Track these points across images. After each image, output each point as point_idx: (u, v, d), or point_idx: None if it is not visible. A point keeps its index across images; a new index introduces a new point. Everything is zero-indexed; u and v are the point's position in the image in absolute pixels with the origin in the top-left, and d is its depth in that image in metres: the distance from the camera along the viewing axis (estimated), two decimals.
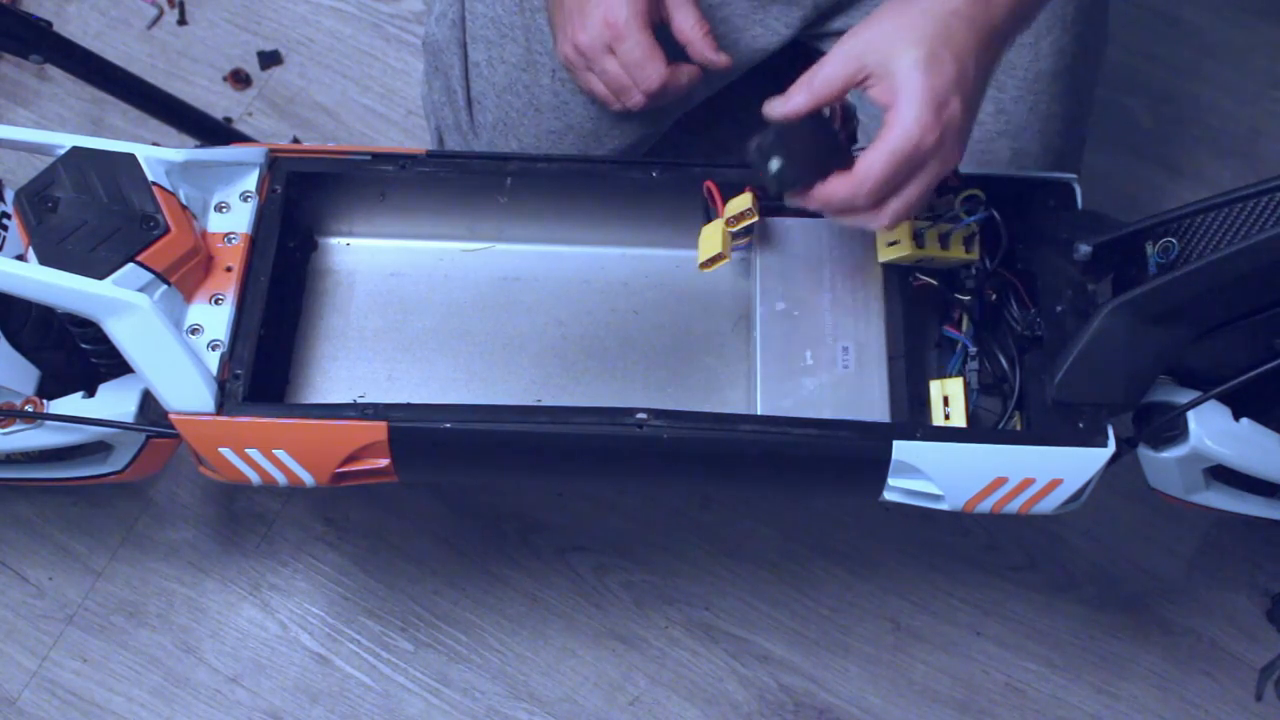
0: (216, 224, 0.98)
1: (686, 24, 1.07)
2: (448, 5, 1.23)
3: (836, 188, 0.86)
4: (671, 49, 1.07)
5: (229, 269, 0.96)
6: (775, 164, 0.86)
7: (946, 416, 0.94)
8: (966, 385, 0.95)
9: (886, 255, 0.96)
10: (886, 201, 0.86)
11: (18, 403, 1.00)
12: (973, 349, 0.96)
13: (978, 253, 0.95)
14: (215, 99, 1.61)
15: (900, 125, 0.83)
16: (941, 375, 0.98)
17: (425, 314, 1.05)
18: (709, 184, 0.99)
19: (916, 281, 0.98)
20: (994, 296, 0.97)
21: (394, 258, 1.07)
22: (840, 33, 1.21)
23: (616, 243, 1.08)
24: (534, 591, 1.38)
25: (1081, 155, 1.24)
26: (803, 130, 0.86)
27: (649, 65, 1.05)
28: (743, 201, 0.97)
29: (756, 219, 0.98)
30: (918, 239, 0.94)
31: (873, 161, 0.84)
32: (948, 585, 1.40)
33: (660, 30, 1.07)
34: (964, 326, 0.97)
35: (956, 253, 0.95)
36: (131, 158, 0.94)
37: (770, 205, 1.00)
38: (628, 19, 1.03)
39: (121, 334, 0.89)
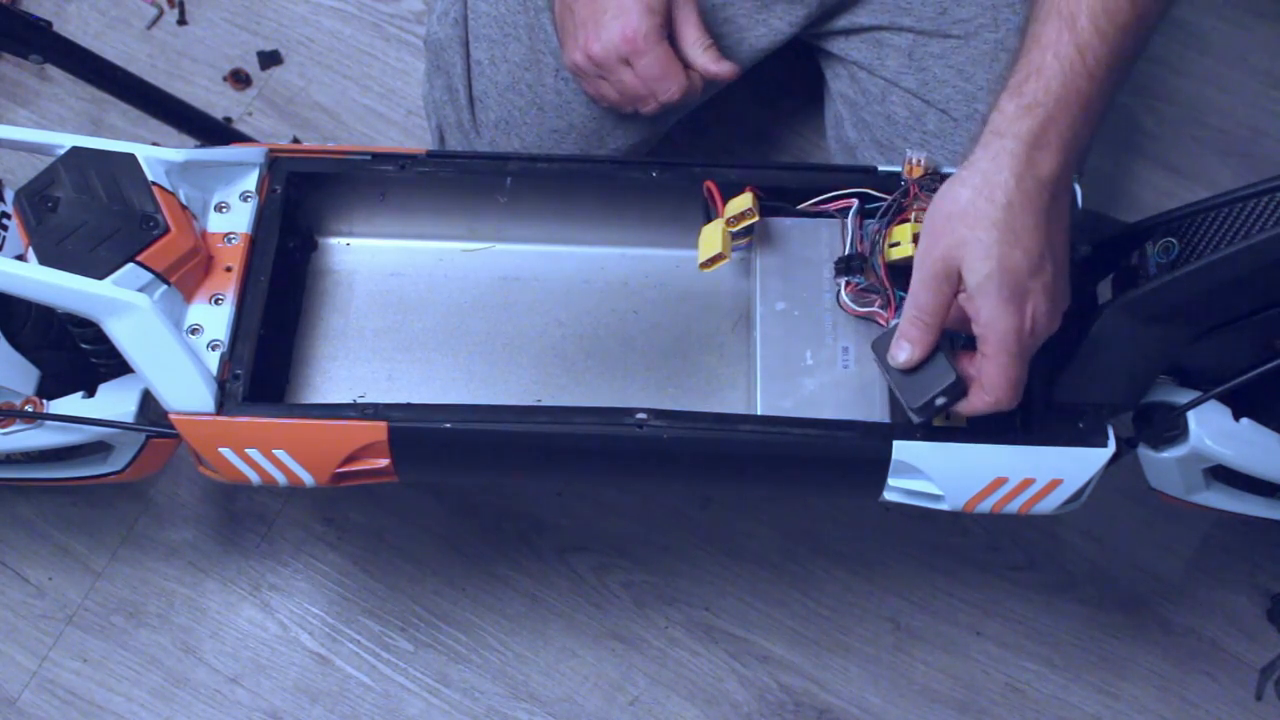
0: (216, 224, 0.98)
1: (689, 38, 1.07)
2: (450, 4, 1.23)
3: (977, 404, 0.87)
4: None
5: (229, 269, 0.96)
6: (942, 401, 0.88)
7: (947, 417, 0.94)
8: None
9: (888, 256, 0.96)
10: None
11: (18, 403, 1.00)
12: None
13: None
14: (215, 99, 1.61)
15: (996, 342, 0.84)
16: None
17: (425, 314, 1.05)
18: (709, 184, 0.99)
19: None
20: None
21: (394, 258, 1.07)
22: (844, 31, 1.22)
23: (616, 243, 1.08)
24: (534, 591, 1.38)
25: (1088, 155, 1.24)
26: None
27: (668, 79, 1.06)
28: (743, 201, 0.97)
29: (756, 219, 0.97)
30: (917, 241, 0.94)
31: (994, 378, 0.85)
32: (948, 585, 1.40)
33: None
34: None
35: None
36: (131, 158, 0.94)
37: (770, 205, 1.00)
38: (646, 34, 1.03)
39: (121, 334, 0.89)
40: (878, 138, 1.22)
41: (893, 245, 0.96)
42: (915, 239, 0.94)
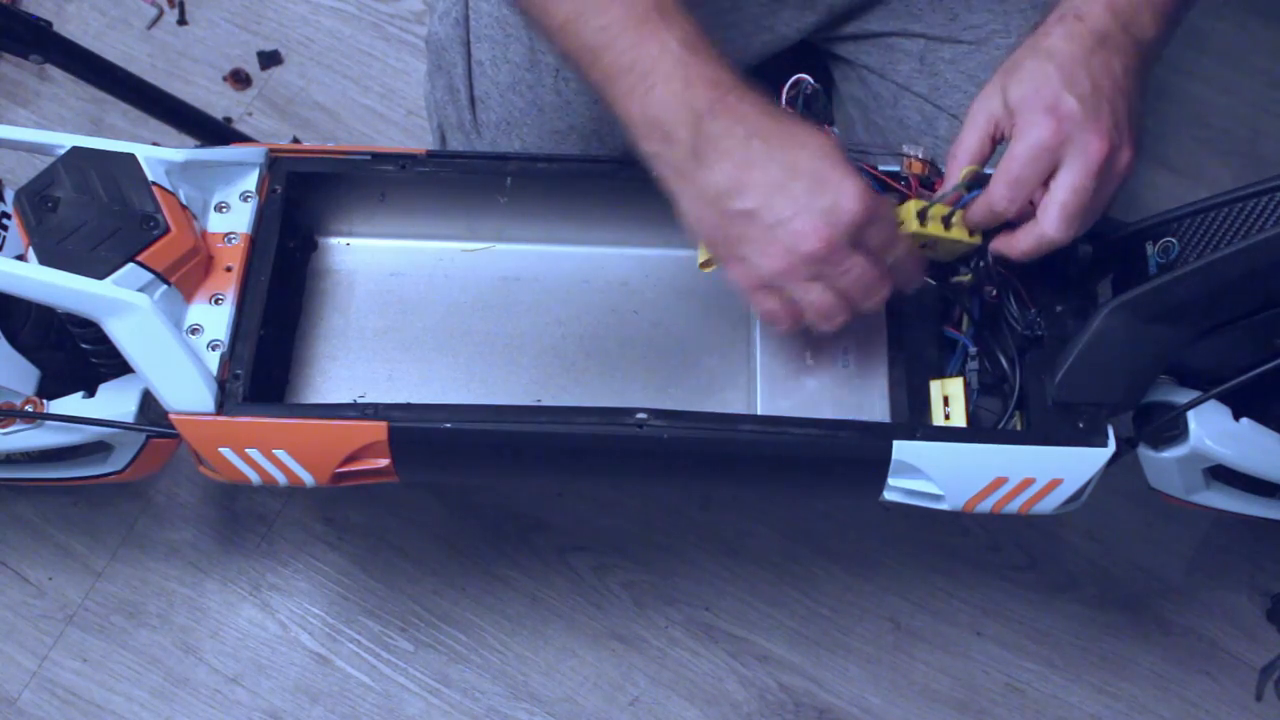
0: (216, 224, 0.98)
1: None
2: (451, 3, 1.23)
3: (980, 211, 0.86)
4: None
5: (229, 269, 0.96)
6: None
7: (946, 416, 0.94)
8: (967, 385, 0.95)
9: None
10: (1043, 204, 0.84)
11: (18, 403, 1.00)
12: (973, 349, 0.96)
13: (980, 238, 0.94)
14: (215, 99, 1.61)
15: (1018, 131, 0.82)
16: (941, 375, 0.97)
17: (425, 314, 1.05)
18: None
19: None
20: (994, 294, 0.96)
21: (394, 257, 1.07)
22: (855, 37, 1.22)
23: (616, 243, 1.08)
24: (534, 591, 1.38)
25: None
26: None
27: (903, 244, 0.84)
28: None
29: None
30: (921, 218, 0.93)
31: (1006, 163, 0.83)
32: (948, 585, 1.40)
33: None
34: (964, 326, 0.97)
35: (959, 234, 0.93)
36: (131, 158, 0.94)
37: None
38: (872, 190, 0.81)
39: (121, 334, 0.89)
40: (889, 141, 1.21)
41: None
42: (920, 215, 0.93)
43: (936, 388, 0.95)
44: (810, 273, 0.81)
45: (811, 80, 0.91)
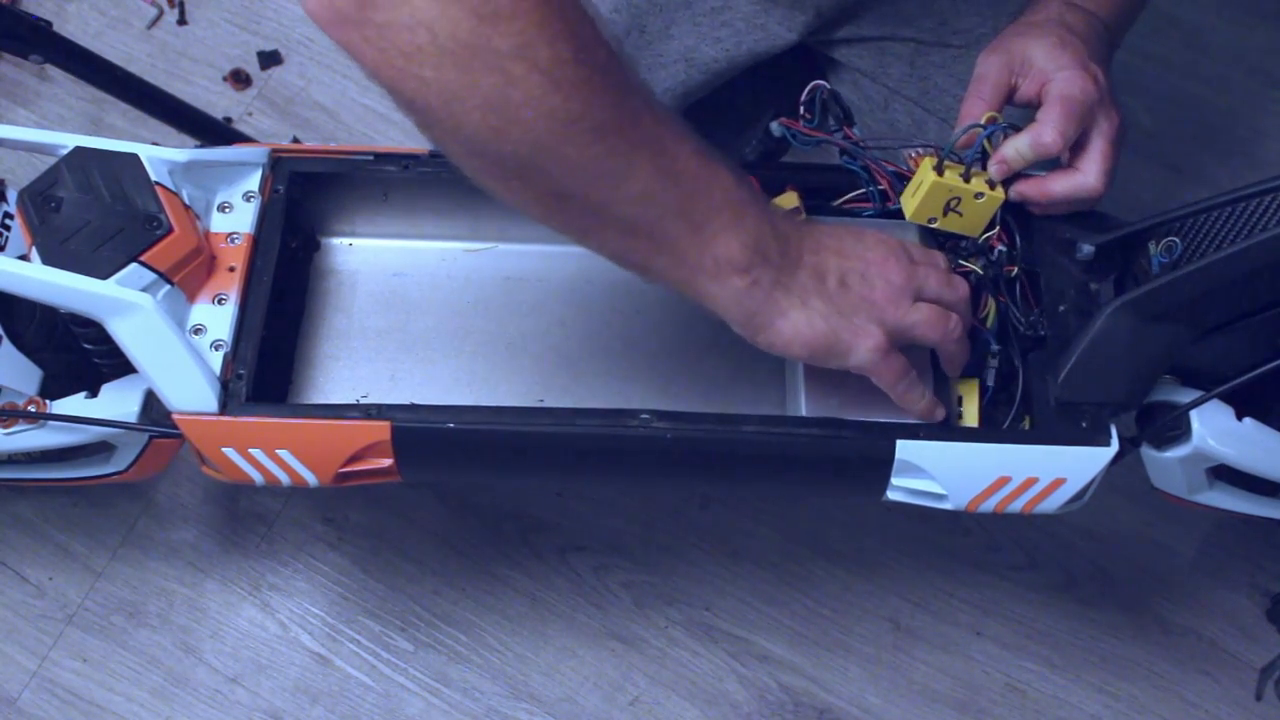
0: (219, 224, 0.98)
1: None
2: None
3: (1021, 145, 0.91)
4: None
5: (232, 269, 0.96)
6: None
7: (960, 416, 0.94)
8: (982, 384, 0.94)
9: (912, 206, 0.93)
10: (1082, 158, 0.93)
11: (20, 403, 1.00)
12: (994, 346, 0.95)
13: (1004, 192, 0.93)
14: (215, 99, 1.61)
15: (1060, 81, 0.91)
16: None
17: (428, 314, 1.05)
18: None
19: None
20: (1007, 282, 0.95)
21: (397, 258, 1.07)
22: (848, 40, 1.22)
23: None
24: (534, 591, 1.38)
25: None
26: None
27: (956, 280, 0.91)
28: (788, 200, 0.95)
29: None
30: (938, 171, 0.91)
31: (1061, 104, 0.90)
32: (948, 585, 1.40)
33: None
34: (989, 322, 0.95)
35: (979, 185, 0.92)
36: (134, 158, 0.94)
37: (810, 205, 0.98)
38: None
39: (124, 334, 0.89)
40: (882, 144, 1.22)
41: (914, 193, 0.93)
42: (937, 168, 0.92)
43: (951, 388, 0.95)
44: (909, 290, 0.85)
45: (827, 85, 0.92)
